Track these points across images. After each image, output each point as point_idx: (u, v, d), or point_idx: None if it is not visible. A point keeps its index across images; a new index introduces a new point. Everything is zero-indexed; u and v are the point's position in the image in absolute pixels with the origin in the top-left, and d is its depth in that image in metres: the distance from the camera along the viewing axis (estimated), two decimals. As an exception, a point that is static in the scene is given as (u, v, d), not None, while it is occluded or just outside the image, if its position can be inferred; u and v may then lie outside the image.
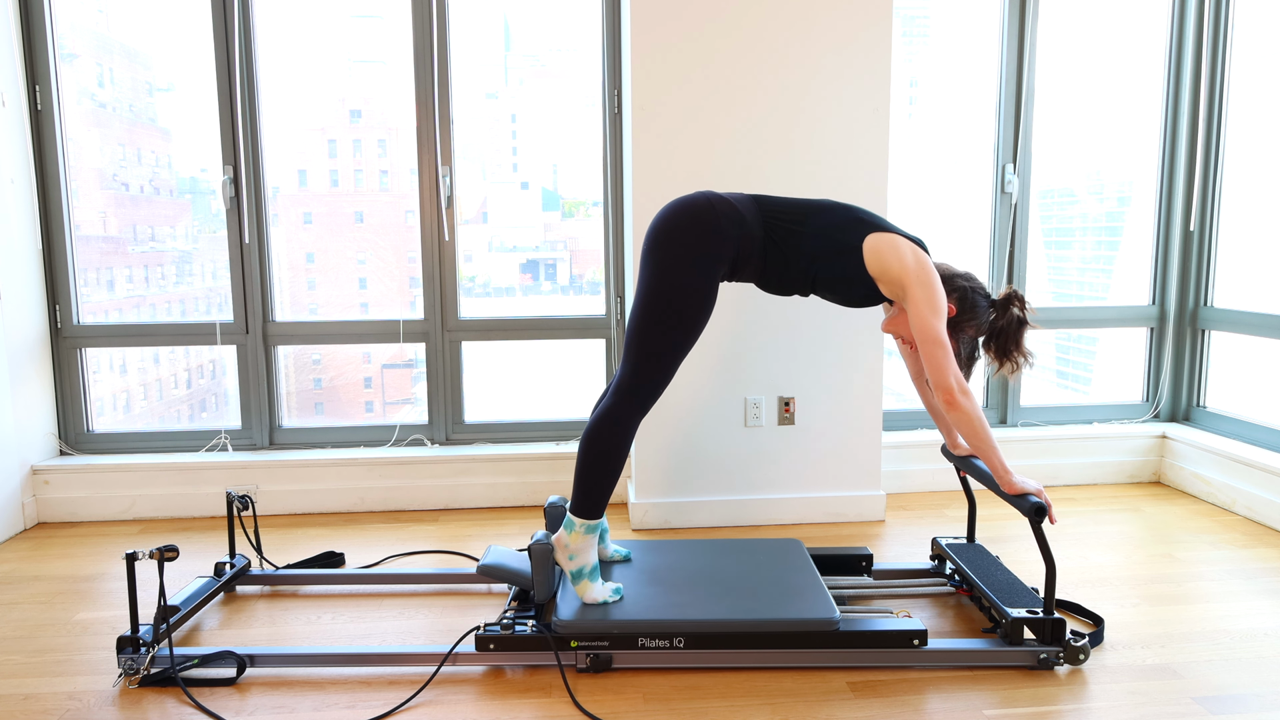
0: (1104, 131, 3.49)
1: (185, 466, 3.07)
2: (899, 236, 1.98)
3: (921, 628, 1.92)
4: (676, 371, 1.96)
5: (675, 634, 1.91)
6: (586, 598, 2.00)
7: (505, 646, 1.93)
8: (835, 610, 1.95)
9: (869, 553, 2.38)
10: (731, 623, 1.91)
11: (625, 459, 1.98)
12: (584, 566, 2.01)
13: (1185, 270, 3.43)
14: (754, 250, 1.98)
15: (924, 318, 1.92)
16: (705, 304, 1.93)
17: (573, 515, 1.99)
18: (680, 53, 2.72)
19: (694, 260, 1.91)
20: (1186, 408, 3.48)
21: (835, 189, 2.81)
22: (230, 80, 3.04)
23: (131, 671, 1.89)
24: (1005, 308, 2.07)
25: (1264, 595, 2.32)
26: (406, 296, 3.25)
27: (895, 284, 1.96)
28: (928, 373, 1.94)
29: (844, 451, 2.94)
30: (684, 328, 1.92)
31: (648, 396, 1.95)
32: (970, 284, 2.06)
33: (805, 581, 2.10)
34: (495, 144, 3.27)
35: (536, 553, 2.01)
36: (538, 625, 1.95)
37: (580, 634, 1.92)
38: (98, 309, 3.18)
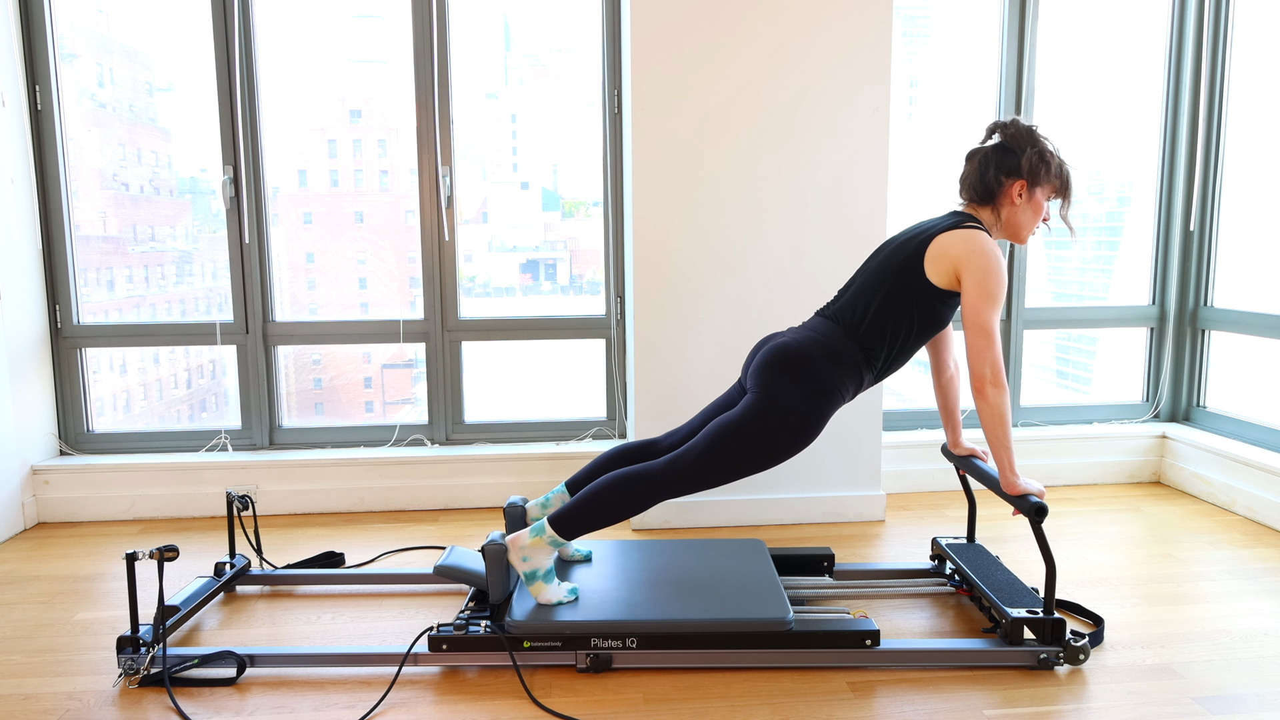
0: (1104, 131, 3.49)
1: (185, 466, 3.07)
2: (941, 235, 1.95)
3: (874, 628, 1.92)
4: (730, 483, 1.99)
5: (628, 634, 1.91)
6: (540, 598, 2.00)
7: (458, 647, 1.93)
8: (788, 610, 1.95)
9: (831, 552, 2.38)
10: (684, 623, 1.92)
11: (630, 516, 1.99)
12: (538, 569, 2.00)
13: (1185, 270, 3.43)
14: (864, 373, 2.00)
15: (975, 305, 1.89)
16: (804, 443, 1.96)
17: (549, 524, 1.97)
18: (680, 53, 2.72)
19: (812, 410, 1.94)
20: (1186, 408, 3.48)
21: (835, 189, 2.81)
22: (230, 80, 3.04)
23: (131, 671, 1.89)
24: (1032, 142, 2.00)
25: (1264, 595, 2.32)
26: (406, 296, 3.25)
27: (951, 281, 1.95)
28: (967, 355, 1.91)
29: (844, 451, 2.94)
30: (775, 457, 1.95)
31: (694, 487, 1.96)
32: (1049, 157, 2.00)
33: (762, 582, 2.10)
34: (495, 144, 3.27)
35: (490, 554, 2.01)
36: (491, 625, 1.95)
37: (533, 634, 1.92)
38: (98, 309, 3.18)
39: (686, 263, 2.81)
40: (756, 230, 2.81)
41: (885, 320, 1.97)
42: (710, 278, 2.82)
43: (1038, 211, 2.03)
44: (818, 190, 2.82)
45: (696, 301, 2.83)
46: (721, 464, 1.93)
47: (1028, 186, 2.00)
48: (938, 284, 1.95)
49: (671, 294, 2.82)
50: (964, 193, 2.07)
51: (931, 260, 1.95)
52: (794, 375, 1.94)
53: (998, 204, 2.02)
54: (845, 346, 1.98)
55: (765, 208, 2.80)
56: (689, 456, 1.95)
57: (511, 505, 2.18)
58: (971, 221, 1.99)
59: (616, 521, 1.98)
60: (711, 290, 2.83)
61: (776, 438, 1.93)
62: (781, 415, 1.92)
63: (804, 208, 2.82)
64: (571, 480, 2.20)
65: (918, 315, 1.97)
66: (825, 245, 2.84)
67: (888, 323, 1.97)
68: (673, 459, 1.96)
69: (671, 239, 2.80)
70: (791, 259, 2.84)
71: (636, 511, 1.97)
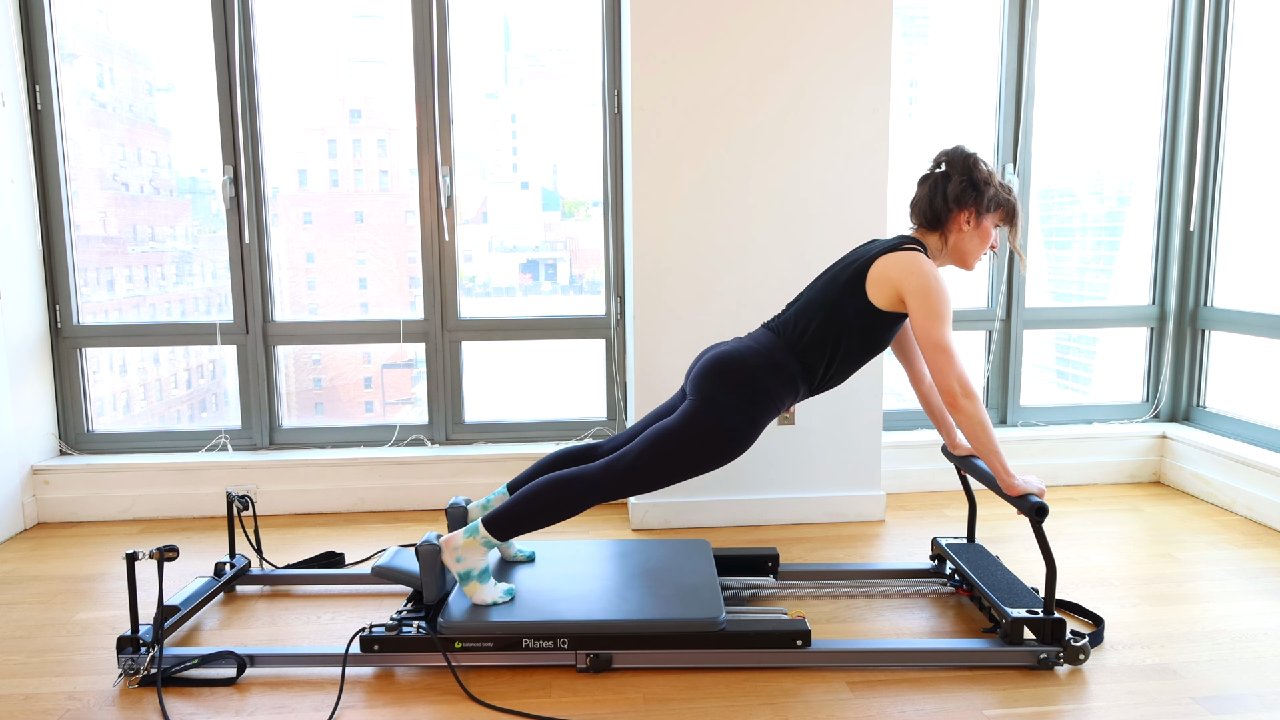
0: (1104, 131, 3.49)
1: (185, 466, 3.07)
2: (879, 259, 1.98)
3: (805, 628, 1.93)
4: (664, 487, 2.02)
5: (559, 635, 1.92)
6: (475, 599, 2.00)
7: (390, 648, 1.93)
8: (721, 610, 1.95)
9: (775, 552, 2.39)
10: (615, 623, 1.92)
11: (565, 519, 2.01)
12: (472, 569, 2.00)
13: (1185, 270, 3.43)
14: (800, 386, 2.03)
15: (924, 325, 1.92)
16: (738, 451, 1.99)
17: (484, 526, 1.98)
18: (680, 52, 2.72)
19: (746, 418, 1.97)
20: (1186, 408, 3.48)
21: (835, 189, 2.81)
22: (230, 80, 3.04)
23: (131, 671, 1.89)
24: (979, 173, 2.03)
25: (1264, 595, 2.32)
26: (406, 296, 3.25)
27: (900, 303, 1.98)
28: (931, 376, 1.94)
29: (844, 451, 2.94)
30: (707, 463, 1.98)
31: (628, 491, 1.98)
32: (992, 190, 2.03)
33: (701, 582, 2.11)
34: (495, 144, 3.27)
35: (423, 554, 2.01)
36: (423, 626, 1.95)
37: (464, 635, 1.92)
38: (98, 309, 3.18)
39: (686, 263, 2.81)
40: (756, 230, 2.81)
41: (825, 339, 2.00)
42: (710, 278, 2.82)
43: (985, 239, 2.06)
44: (818, 190, 2.82)
45: (696, 301, 2.83)
46: (656, 468, 1.96)
47: (975, 214, 2.03)
48: (880, 306, 1.98)
49: (671, 294, 2.82)
50: (914, 217, 2.10)
51: (873, 283, 1.97)
52: (731, 384, 1.97)
53: (946, 230, 2.05)
54: (784, 359, 2.01)
55: (765, 208, 2.80)
56: (625, 461, 1.97)
57: (454, 506, 2.20)
58: (911, 244, 2.01)
59: (551, 524, 1.98)
60: (711, 290, 2.83)
61: (711, 444, 1.95)
62: (717, 422, 1.95)
63: (804, 208, 2.82)
64: (513, 482, 2.21)
65: (858, 336, 2.00)
66: (825, 245, 2.84)
67: (827, 342, 2.00)
68: (609, 463, 1.98)
69: (671, 239, 2.80)
70: (791, 259, 2.84)
71: (571, 514, 1.98)
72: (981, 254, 2.08)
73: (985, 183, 2.01)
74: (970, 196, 2.01)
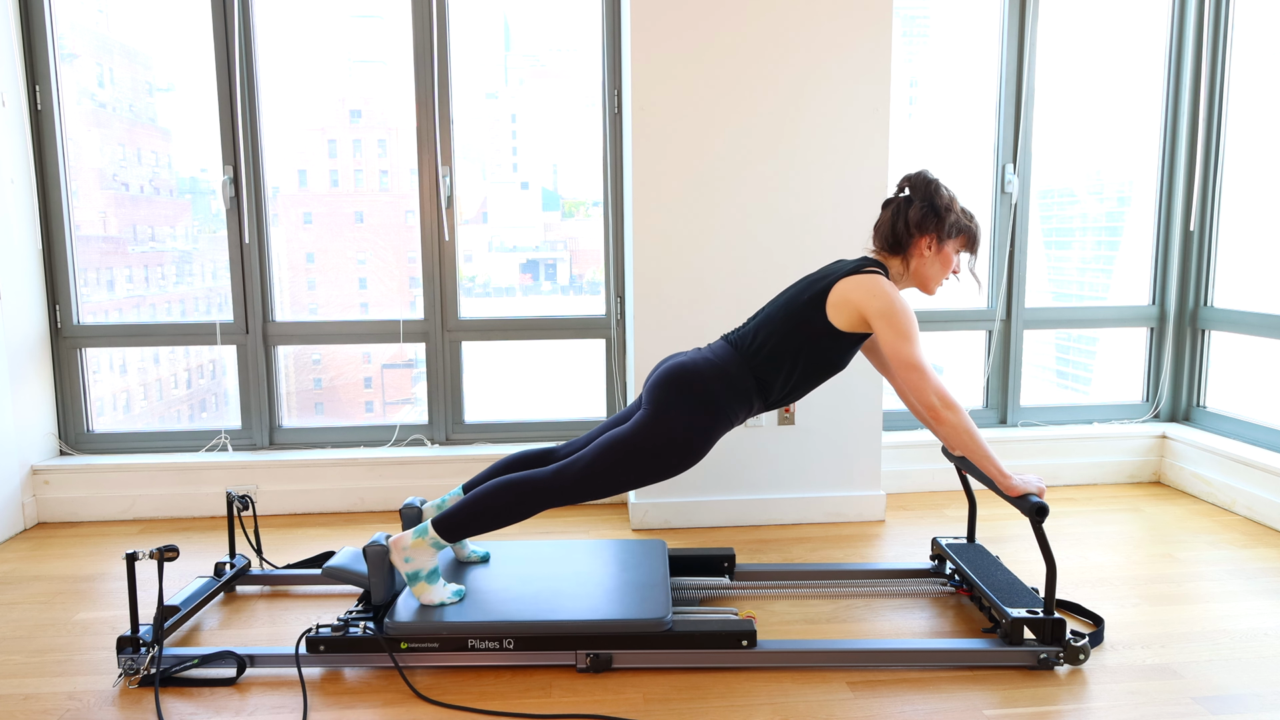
0: (1104, 131, 3.49)
1: (185, 466, 3.07)
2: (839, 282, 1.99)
3: (751, 629, 1.93)
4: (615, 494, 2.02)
5: (505, 635, 1.92)
6: (424, 599, 2.00)
7: (336, 648, 1.93)
8: (666, 611, 1.96)
9: (732, 553, 2.39)
10: (561, 624, 1.92)
11: (514, 523, 2.02)
12: (420, 570, 2.01)
13: (1185, 270, 3.43)
14: (754, 400, 2.04)
15: (892, 345, 1.93)
16: (690, 462, 1.99)
17: (433, 527, 1.98)
18: (680, 52, 2.72)
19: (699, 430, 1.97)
20: (1186, 408, 3.48)
21: (835, 189, 2.81)
22: (230, 80, 3.04)
23: (131, 671, 1.89)
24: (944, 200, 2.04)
25: (1264, 595, 2.32)
26: (406, 296, 3.25)
27: (863, 324, 2.00)
28: (911, 394, 1.95)
29: (844, 451, 2.94)
30: (659, 473, 1.98)
31: (575, 497, 1.98)
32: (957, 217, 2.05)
33: (652, 583, 2.12)
34: (495, 144, 3.27)
35: (371, 555, 2.01)
36: (370, 626, 1.95)
37: (410, 635, 1.92)
38: (98, 309, 3.18)
39: (686, 263, 2.81)
40: (756, 230, 2.81)
41: (782, 355, 2.01)
42: (710, 278, 2.82)
43: (946, 264, 2.07)
44: (818, 190, 2.82)
45: (696, 301, 2.83)
46: (608, 476, 1.96)
47: (936, 240, 2.04)
48: (840, 327, 1.99)
49: (671, 294, 2.82)
50: (876, 240, 2.11)
51: (834, 305, 1.98)
52: (686, 395, 1.97)
53: (907, 254, 2.07)
54: (739, 373, 2.01)
55: (765, 207, 2.81)
56: (576, 467, 1.97)
57: (408, 506, 2.20)
58: (872, 266, 2.02)
59: (500, 527, 1.98)
60: (711, 290, 2.83)
61: (663, 454, 1.96)
62: (669, 432, 1.95)
63: (804, 207, 2.82)
64: (468, 483, 2.21)
65: (816, 355, 2.01)
66: (825, 245, 2.84)
67: (785, 358, 2.01)
68: (560, 468, 1.98)
69: (671, 239, 2.80)
70: (791, 259, 2.84)
71: (520, 517, 1.98)
72: (943, 279, 2.10)
73: (946, 209, 2.03)
74: (931, 222, 2.02)
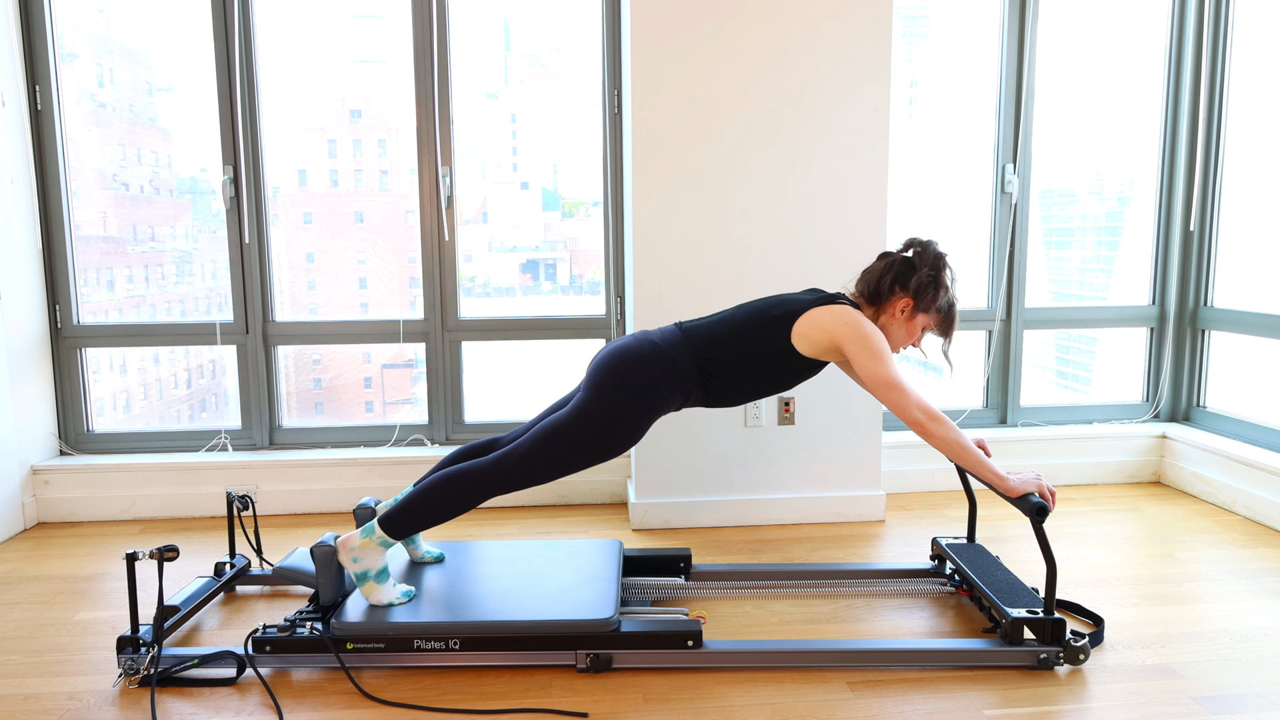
0: (1104, 131, 3.49)
1: (185, 466, 3.07)
2: (813, 309, 2.01)
3: (698, 629, 1.93)
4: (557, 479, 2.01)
5: (450, 635, 1.92)
6: (372, 599, 2.00)
7: (282, 649, 1.93)
8: (612, 611, 1.96)
9: (688, 553, 2.39)
10: (506, 624, 1.93)
11: (461, 514, 2.01)
12: (369, 570, 2.00)
13: (1185, 270, 3.43)
14: (694, 389, 2.04)
15: (867, 368, 1.94)
16: (627, 445, 2.00)
17: (379, 525, 1.99)
18: (680, 52, 2.72)
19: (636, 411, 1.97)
20: (1186, 408, 3.48)
21: (835, 189, 2.81)
22: (230, 80, 3.04)
23: (131, 671, 1.89)
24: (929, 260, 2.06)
25: (1264, 595, 2.32)
26: (406, 296, 3.25)
27: (832, 352, 2.02)
28: (895, 413, 1.95)
29: (844, 451, 2.94)
30: (597, 456, 1.98)
31: (517, 484, 1.98)
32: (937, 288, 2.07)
33: (602, 583, 2.12)
34: (495, 144, 3.27)
35: (318, 555, 2.01)
36: (317, 627, 1.95)
37: (356, 635, 1.92)
38: (98, 309, 3.18)
39: (686, 263, 2.81)
40: (756, 230, 2.81)
41: (732, 358, 2.02)
42: (710, 277, 2.82)
43: (911, 334, 2.10)
44: (818, 190, 2.82)
45: (696, 301, 2.83)
46: (546, 462, 1.97)
47: (912, 307, 2.06)
48: (801, 350, 2.01)
49: (671, 294, 2.82)
50: (859, 283, 2.13)
51: (802, 330, 2.00)
52: (625, 380, 1.98)
53: (880, 309, 2.09)
54: (682, 358, 2.02)
55: (765, 208, 2.81)
56: (514, 455, 1.97)
57: (361, 506, 2.20)
58: (844, 300, 2.05)
59: (446, 519, 1.99)
60: (711, 290, 2.83)
61: (599, 438, 1.96)
62: (604, 415, 1.96)
63: (804, 207, 2.82)
64: (419, 481, 2.21)
65: (764, 368, 2.03)
66: (825, 245, 2.84)
67: (734, 362, 2.02)
68: (499, 457, 1.98)
69: (671, 239, 2.80)
70: (791, 259, 2.84)
71: (464, 508, 1.98)
72: (901, 347, 2.12)
73: (938, 284, 2.05)
74: (917, 289, 2.04)
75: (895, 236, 3.37)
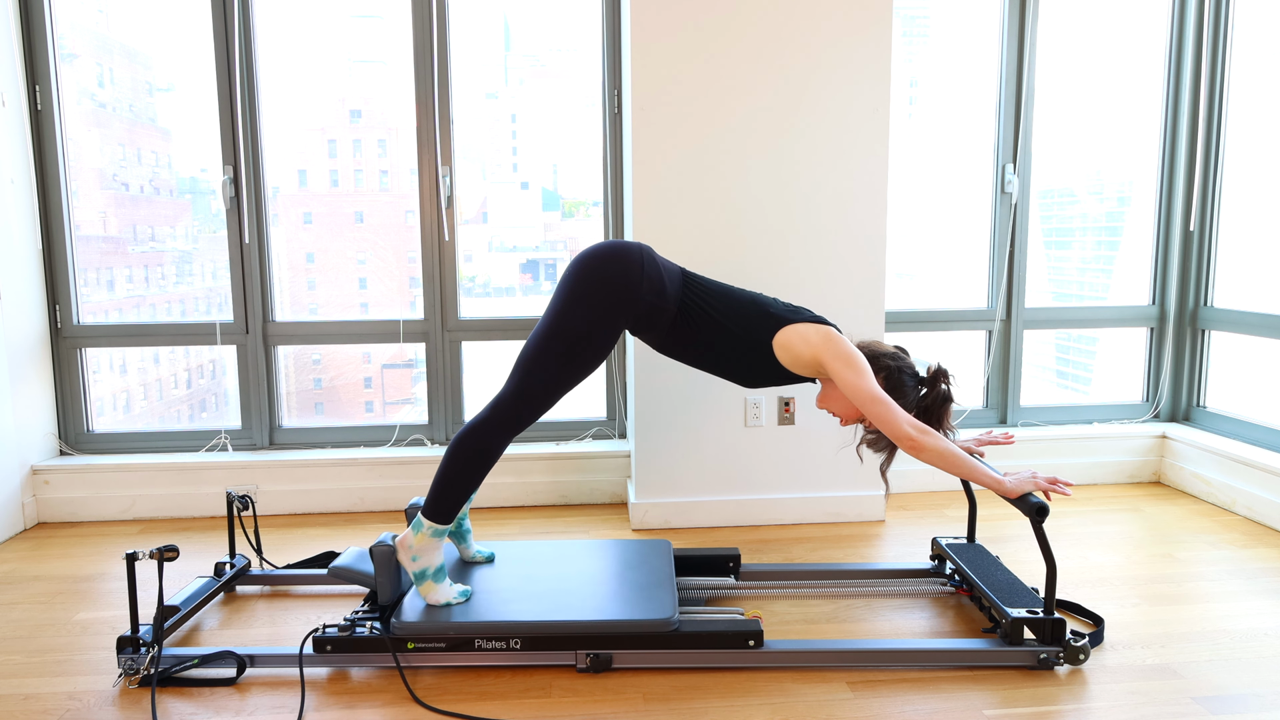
0: (1104, 131, 3.49)
1: (185, 466, 3.07)
2: (802, 323, 2.02)
3: (758, 629, 1.93)
4: (558, 402, 2.00)
5: (511, 636, 1.92)
6: (430, 599, 2.01)
7: (342, 648, 1.93)
8: (673, 611, 1.96)
9: (737, 553, 2.39)
10: (568, 624, 1.93)
11: (485, 473, 2.00)
12: (427, 568, 2.01)
13: (1185, 270, 3.43)
14: (662, 321, 2.03)
15: (850, 382, 1.93)
16: (602, 351, 1.97)
17: (423, 517, 1.99)
18: (680, 53, 2.72)
19: (605, 310, 1.95)
20: (1186, 408, 3.48)
21: (834, 189, 2.81)
22: (230, 80, 3.04)
23: (131, 671, 1.89)
24: (933, 384, 2.07)
25: (1264, 595, 2.32)
26: (406, 296, 3.25)
27: (811, 365, 2.01)
28: (882, 430, 1.93)
29: (844, 451, 2.94)
30: (574, 367, 1.96)
31: (521, 419, 1.97)
32: (897, 363, 2.05)
33: (658, 583, 2.12)
34: (495, 144, 3.27)
35: (377, 555, 2.01)
36: (376, 626, 1.95)
37: (417, 635, 1.92)
38: (98, 309, 3.18)
39: (686, 263, 2.81)
40: (756, 230, 2.81)
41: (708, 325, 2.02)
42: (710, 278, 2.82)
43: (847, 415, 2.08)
44: (817, 190, 2.82)
45: (696, 301, 2.83)
46: (536, 390, 1.95)
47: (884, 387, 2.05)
48: (778, 357, 2.02)
49: (671, 294, 2.82)
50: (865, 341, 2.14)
51: (783, 341, 2.00)
52: (595, 276, 1.96)
53: None
54: (672, 290, 2.01)
55: (765, 207, 2.80)
56: (505, 394, 1.97)
57: (413, 506, 2.21)
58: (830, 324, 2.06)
59: (476, 481, 1.98)
60: (711, 290, 2.83)
61: (572, 352, 1.94)
62: (573, 327, 1.94)
63: (804, 207, 2.82)
64: None
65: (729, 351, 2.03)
66: (825, 244, 2.84)
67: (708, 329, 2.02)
68: (494, 402, 1.98)
69: (671, 239, 2.80)
70: (791, 259, 2.84)
71: (489, 462, 1.97)
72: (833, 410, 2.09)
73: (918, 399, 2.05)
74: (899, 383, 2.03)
75: (895, 237, 3.38)
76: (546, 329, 1.96)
